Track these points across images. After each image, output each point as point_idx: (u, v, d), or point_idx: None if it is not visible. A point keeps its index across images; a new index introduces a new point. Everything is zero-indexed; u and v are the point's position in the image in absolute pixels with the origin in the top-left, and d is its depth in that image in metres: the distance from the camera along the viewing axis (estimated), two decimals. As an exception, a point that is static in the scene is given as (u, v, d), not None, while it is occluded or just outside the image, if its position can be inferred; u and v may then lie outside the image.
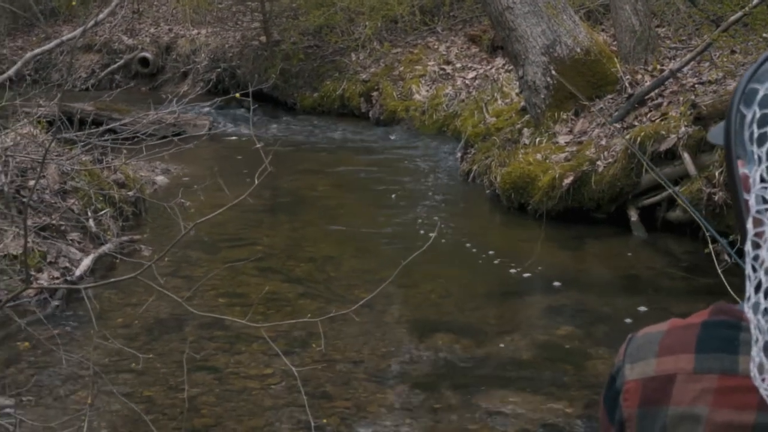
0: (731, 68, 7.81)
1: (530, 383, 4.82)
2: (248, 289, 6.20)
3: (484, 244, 7.10)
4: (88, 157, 7.46)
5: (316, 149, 11.01)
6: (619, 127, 7.68)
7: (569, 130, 8.30)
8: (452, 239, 7.21)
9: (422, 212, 8.09)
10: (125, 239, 7.06)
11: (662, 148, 6.99)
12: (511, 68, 10.86)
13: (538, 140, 8.37)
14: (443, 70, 12.41)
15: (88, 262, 6.37)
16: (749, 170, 1.02)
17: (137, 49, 15.84)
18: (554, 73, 8.44)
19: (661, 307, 5.75)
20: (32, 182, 6.58)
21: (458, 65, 12.42)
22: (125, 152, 7.36)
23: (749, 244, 0.99)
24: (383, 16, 13.47)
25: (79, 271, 6.23)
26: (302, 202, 8.67)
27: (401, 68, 12.70)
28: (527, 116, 8.94)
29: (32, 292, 5.78)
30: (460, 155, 9.80)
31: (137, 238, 7.20)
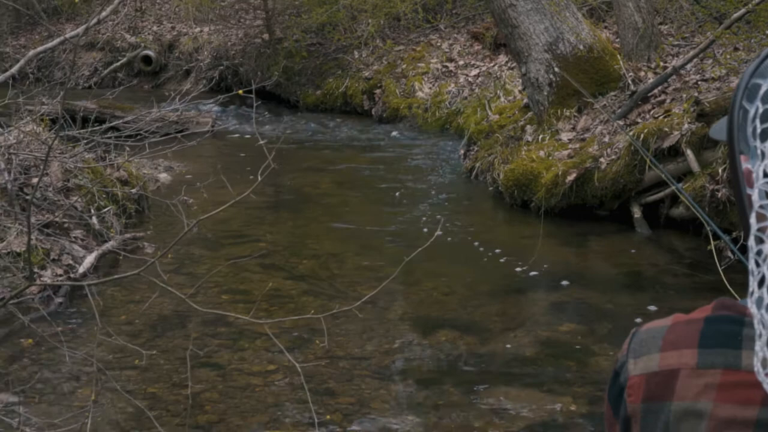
0: (734, 65, 7.81)
1: (533, 380, 4.83)
2: (251, 285, 6.20)
3: (487, 241, 7.09)
4: (91, 154, 7.46)
5: (318, 147, 11.01)
6: (622, 124, 7.68)
7: (572, 127, 8.30)
8: (455, 236, 7.21)
9: (425, 209, 8.09)
10: (128, 236, 7.07)
11: (665, 145, 6.99)
12: (513, 65, 10.86)
13: (541, 137, 8.37)
14: (446, 67, 12.40)
15: (91, 259, 6.38)
16: (752, 165, 1.02)
17: (140, 47, 15.85)
18: (557, 69, 8.43)
19: (664, 303, 5.74)
20: (35, 180, 6.58)
21: (461, 63, 12.42)
22: (128, 150, 7.36)
23: (752, 239, 0.99)
24: (386, 13, 13.47)
25: (82, 268, 6.24)
26: (305, 199, 8.67)
27: (404, 66, 12.70)
28: (530, 113, 8.93)
29: (36, 289, 5.79)
30: (462, 152, 9.80)
31: (140, 235, 7.20)
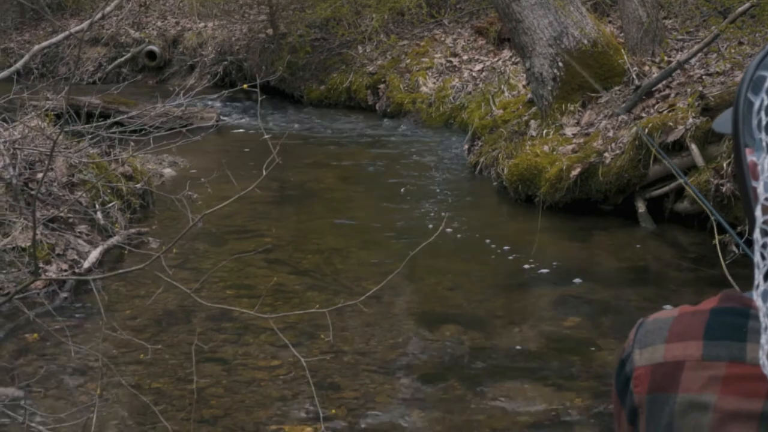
0: (739, 59, 7.80)
1: (538, 374, 4.83)
2: (256, 280, 6.21)
3: (491, 236, 7.09)
4: (95, 149, 7.47)
5: (323, 142, 11.01)
6: (626, 118, 7.67)
7: (576, 121, 8.29)
8: (459, 232, 7.21)
9: (429, 204, 8.09)
10: (133, 231, 7.07)
11: (670, 139, 6.98)
12: (517, 60, 10.84)
13: (545, 132, 8.36)
14: (450, 62, 12.39)
15: (96, 254, 6.39)
16: (757, 158, 1.02)
17: (144, 42, 15.85)
18: (562, 63, 8.42)
19: (669, 298, 5.74)
20: (40, 175, 6.59)
21: (465, 57, 12.40)
22: (132, 145, 7.37)
23: (758, 231, 1.00)
24: (390, 8, 13.46)
25: (87, 263, 6.25)
26: (309, 194, 8.67)
27: (408, 61, 12.69)
28: (534, 108, 8.92)
29: (41, 284, 5.80)
30: (467, 147, 9.80)
31: (145, 230, 7.21)
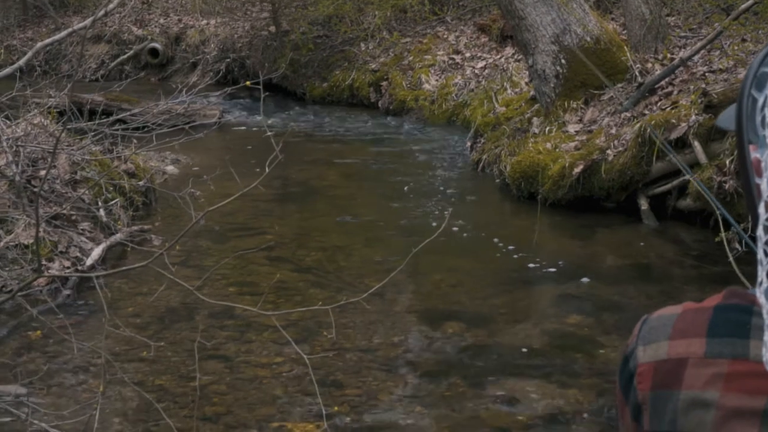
0: (742, 57, 7.78)
1: (541, 372, 4.83)
2: (258, 278, 6.21)
3: (494, 233, 7.09)
4: (98, 147, 7.47)
5: (325, 139, 11.01)
6: (628, 115, 7.66)
7: (579, 119, 8.29)
8: (462, 229, 7.21)
9: (431, 202, 8.09)
10: (136, 229, 7.08)
11: (672, 136, 6.97)
12: (520, 57, 10.83)
13: (547, 129, 8.36)
14: (452, 59, 12.38)
15: (99, 251, 6.39)
16: (761, 155, 1.02)
17: (147, 39, 15.85)
18: (564, 60, 8.41)
19: (671, 295, 5.74)
20: (43, 172, 6.60)
21: (467, 55, 12.40)
22: (135, 142, 7.37)
23: (761, 229, 0.99)
24: (392, 5, 13.46)
25: (90, 260, 6.25)
26: (312, 191, 8.67)
27: (410, 58, 12.68)
28: (537, 105, 8.92)
29: (44, 281, 5.80)
30: (469, 145, 9.80)
31: (148, 227, 7.21)
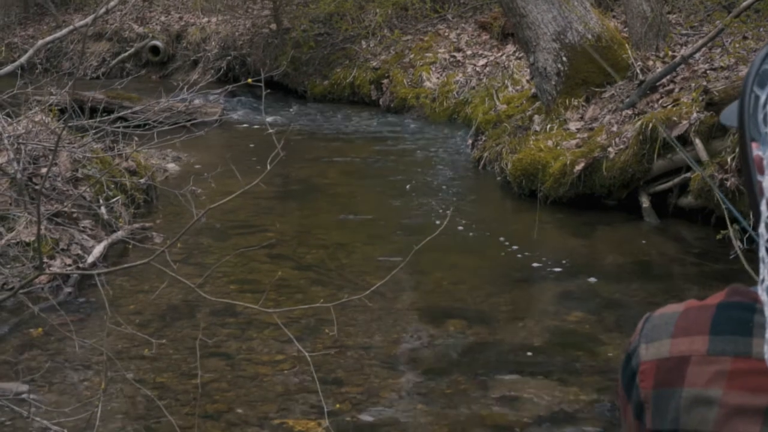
0: (743, 54, 7.78)
1: (542, 369, 4.83)
2: (260, 275, 6.21)
3: (495, 231, 7.09)
4: (99, 144, 7.47)
5: (326, 137, 11.01)
6: (630, 113, 7.66)
7: (580, 116, 8.28)
8: (463, 226, 7.21)
9: (433, 199, 8.08)
10: (137, 226, 7.08)
11: (674, 134, 6.97)
12: (521, 55, 10.83)
13: (549, 127, 8.35)
14: (454, 57, 12.38)
15: (100, 248, 6.39)
16: (763, 152, 1.02)
17: (148, 37, 15.85)
18: (566, 58, 8.41)
19: (673, 293, 5.74)
20: (44, 170, 6.60)
21: (469, 52, 12.39)
22: (136, 140, 7.37)
23: (763, 226, 0.99)
24: (393, 3, 13.45)
25: (91, 257, 6.25)
26: (313, 189, 8.67)
27: (412, 56, 12.68)
28: (538, 103, 8.92)
29: (45, 278, 5.80)
30: (470, 142, 9.80)
31: (149, 225, 7.21)
